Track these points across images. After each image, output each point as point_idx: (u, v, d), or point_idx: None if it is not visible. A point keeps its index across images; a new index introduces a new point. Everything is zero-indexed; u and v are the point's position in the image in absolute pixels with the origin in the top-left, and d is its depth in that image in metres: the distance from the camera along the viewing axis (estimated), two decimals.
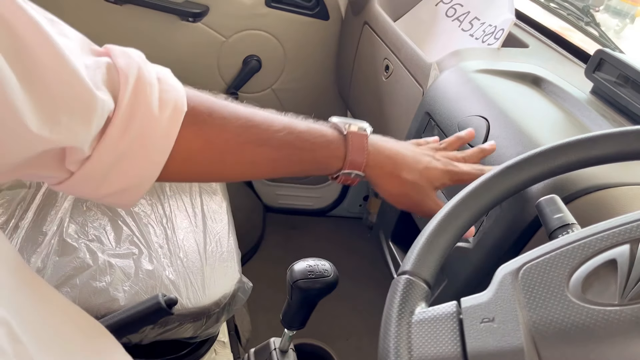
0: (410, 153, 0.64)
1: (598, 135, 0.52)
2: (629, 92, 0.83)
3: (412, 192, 0.62)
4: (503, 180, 0.53)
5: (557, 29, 1.22)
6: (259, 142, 0.55)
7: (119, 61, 0.46)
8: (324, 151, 0.59)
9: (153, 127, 0.46)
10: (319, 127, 0.60)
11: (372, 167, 0.60)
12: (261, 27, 1.47)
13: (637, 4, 7.47)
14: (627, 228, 0.43)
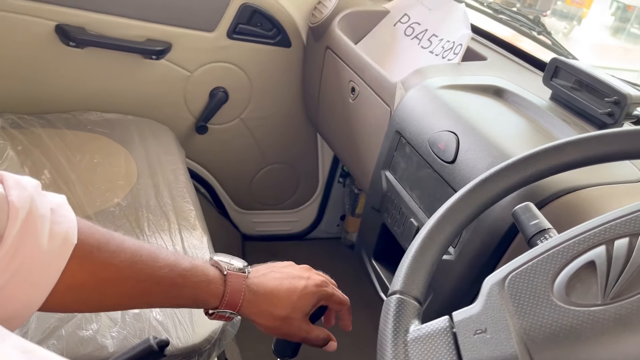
0: (285, 285, 0.66)
1: (564, 142, 0.55)
2: (584, 96, 0.87)
3: (284, 326, 0.65)
4: (481, 193, 0.55)
5: (509, 37, 1.27)
6: (141, 277, 0.56)
7: (11, 193, 0.46)
8: (203, 290, 0.60)
9: (39, 260, 0.46)
10: (202, 266, 0.62)
11: (246, 306, 0.63)
12: (225, 59, 1.49)
13: (583, 6, 7.83)
14: (601, 230, 0.46)
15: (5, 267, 0.44)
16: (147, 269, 0.56)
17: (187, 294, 0.59)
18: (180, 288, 0.59)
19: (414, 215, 0.89)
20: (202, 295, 0.60)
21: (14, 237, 0.44)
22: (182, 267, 0.59)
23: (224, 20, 1.42)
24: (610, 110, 0.81)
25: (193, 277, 0.59)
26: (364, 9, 1.36)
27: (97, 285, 0.54)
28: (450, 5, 1.22)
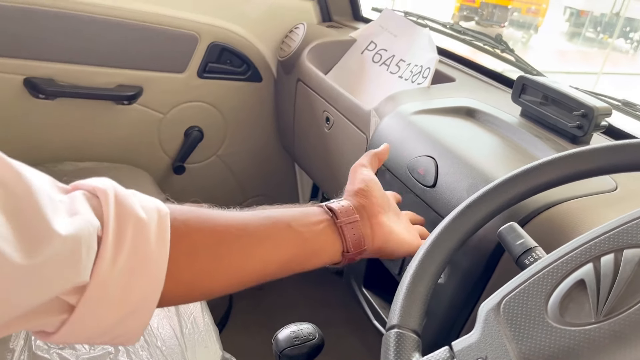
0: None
1: (541, 163, 0.57)
2: (553, 110, 0.90)
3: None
4: (466, 219, 0.56)
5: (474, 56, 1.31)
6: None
7: (91, 184, 0.45)
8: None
9: (144, 233, 0.45)
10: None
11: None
12: (197, 99, 1.49)
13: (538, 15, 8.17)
14: (586, 247, 0.47)
15: (116, 243, 0.42)
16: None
17: (312, 264, 0.59)
18: (307, 263, 0.59)
19: None
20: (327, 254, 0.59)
21: (113, 213, 0.43)
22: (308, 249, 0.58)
23: (194, 60, 1.43)
24: (579, 123, 0.84)
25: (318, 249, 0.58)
26: (330, 39, 1.39)
27: (211, 245, 0.52)
28: (414, 31, 1.26)
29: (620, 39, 10.45)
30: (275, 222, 0.56)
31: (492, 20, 9.71)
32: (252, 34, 1.47)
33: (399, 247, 0.66)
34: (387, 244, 0.64)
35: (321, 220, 0.59)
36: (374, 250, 0.64)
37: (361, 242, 0.61)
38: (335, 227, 0.59)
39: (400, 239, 0.66)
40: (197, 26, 1.40)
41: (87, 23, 1.28)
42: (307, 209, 0.60)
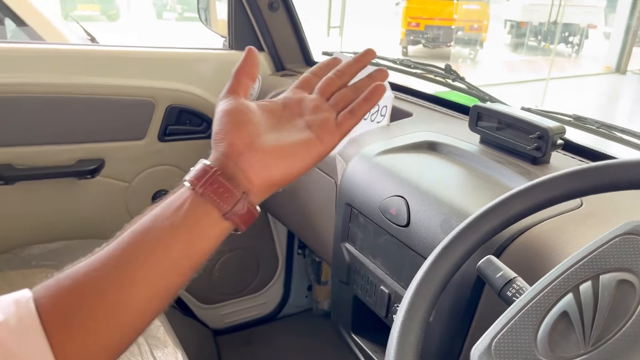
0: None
1: (509, 196, 0.58)
2: (510, 135, 0.92)
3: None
4: (444, 261, 0.57)
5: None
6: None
7: None
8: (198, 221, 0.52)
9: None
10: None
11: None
12: (161, 162, 1.48)
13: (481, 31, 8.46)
14: (565, 277, 0.48)
15: None
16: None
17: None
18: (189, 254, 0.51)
19: (383, 283, 0.90)
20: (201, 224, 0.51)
21: None
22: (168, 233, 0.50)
23: (153, 125, 1.43)
24: (537, 145, 0.86)
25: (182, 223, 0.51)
26: (285, 88, 1.40)
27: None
28: (366, 70, 1.28)
29: (561, 44, 10.91)
30: (139, 233, 0.51)
31: (438, 41, 10.02)
32: (207, 92, 1.48)
33: (290, 162, 0.55)
34: (272, 169, 0.54)
35: (184, 200, 0.52)
36: (265, 185, 0.55)
37: (234, 191, 0.52)
38: (199, 196, 0.51)
39: (287, 150, 0.55)
40: (152, 92, 1.40)
41: (39, 103, 1.27)
42: (171, 198, 0.53)
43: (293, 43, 1.57)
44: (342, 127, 0.59)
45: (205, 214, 0.52)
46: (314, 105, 0.60)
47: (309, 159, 0.57)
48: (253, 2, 1.45)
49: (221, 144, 0.55)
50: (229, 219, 0.52)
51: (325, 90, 0.62)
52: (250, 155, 0.53)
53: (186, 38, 7.56)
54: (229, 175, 0.53)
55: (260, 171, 0.54)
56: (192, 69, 1.46)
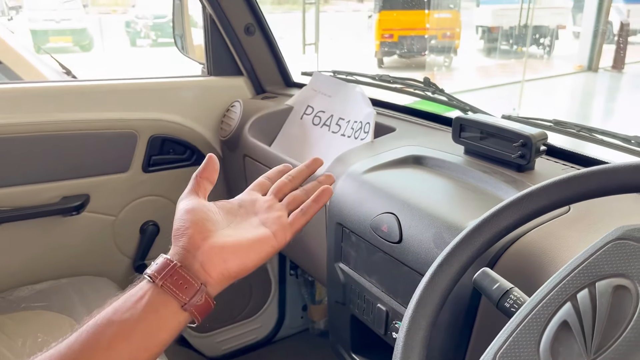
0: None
1: (499, 209, 0.59)
2: (494, 144, 0.93)
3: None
4: (441, 279, 0.57)
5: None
6: None
7: None
8: (156, 309, 0.54)
9: None
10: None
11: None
12: (146, 193, 1.47)
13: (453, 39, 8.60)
14: (562, 286, 0.48)
15: None
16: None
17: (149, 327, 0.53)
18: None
19: (380, 301, 0.90)
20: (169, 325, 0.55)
21: None
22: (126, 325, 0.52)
23: (136, 157, 1.42)
24: (521, 153, 0.88)
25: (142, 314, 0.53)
26: (268, 111, 1.41)
27: None
28: (346, 89, 1.30)
29: (533, 46, 11.11)
30: (98, 326, 0.53)
31: (412, 51, 10.13)
32: (189, 119, 1.48)
33: (246, 256, 0.60)
34: (229, 262, 0.58)
35: (144, 292, 0.54)
36: (222, 277, 0.58)
37: (193, 283, 0.55)
38: (159, 289, 0.54)
39: (243, 244, 0.60)
40: (133, 123, 1.40)
41: (19, 143, 1.26)
42: (131, 290, 0.56)
43: (272, 65, 1.58)
44: (294, 225, 0.65)
45: (164, 305, 0.54)
46: (268, 205, 0.67)
47: (264, 252, 0.62)
48: (229, 27, 1.46)
49: (181, 239, 0.58)
50: (187, 310, 0.55)
51: (278, 192, 0.70)
52: (208, 249, 0.58)
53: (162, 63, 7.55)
54: (188, 267, 0.56)
55: (218, 264, 0.58)
56: (172, 98, 1.46)
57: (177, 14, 1.72)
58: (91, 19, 12.78)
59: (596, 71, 9.66)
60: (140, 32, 12.44)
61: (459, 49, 10.29)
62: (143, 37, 12.46)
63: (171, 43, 1.78)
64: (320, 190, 0.68)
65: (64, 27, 11.32)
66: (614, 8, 10.50)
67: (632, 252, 0.47)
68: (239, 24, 1.45)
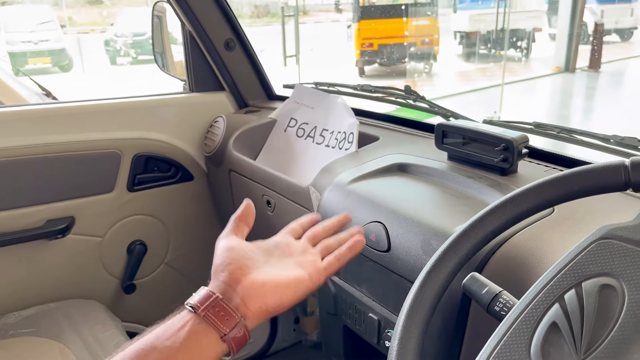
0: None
1: (484, 213, 0.59)
2: (477, 149, 0.95)
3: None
4: (431, 286, 0.58)
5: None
6: None
7: None
8: (202, 342, 0.58)
9: None
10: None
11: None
12: (132, 212, 1.46)
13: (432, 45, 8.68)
14: (549, 289, 0.49)
15: None
16: None
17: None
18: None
19: (371, 310, 0.90)
20: (205, 345, 0.57)
21: None
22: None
23: (120, 176, 1.41)
24: (504, 156, 0.89)
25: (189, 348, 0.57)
26: (252, 125, 1.41)
27: None
28: (328, 100, 1.30)
29: (511, 49, 11.28)
30: (141, 350, 0.56)
31: (392, 59, 10.22)
32: (173, 137, 1.48)
33: (284, 293, 0.63)
34: (268, 298, 0.62)
35: (185, 322, 0.58)
36: (260, 312, 0.61)
37: (234, 315, 0.59)
38: (201, 319, 0.58)
39: (282, 283, 0.64)
40: (117, 143, 1.39)
41: (1, 167, 1.25)
42: (172, 319, 0.59)
43: (253, 79, 1.58)
44: (328, 269, 0.70)
45: (205, 335, 0.57)
46: (302, 249, 0.72)
47: (300, 292, 0.65)
48: (209, 44, 1.46)
49: (222, 273, 0.62)
50: (226, 341, 0.58)
51: (313, 239, 0.75)
52: (249, 284, 0.61)
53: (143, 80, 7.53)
54: (228, 300, 0.60)
55: (258, 299, 0.61)
56: (155, 116, 1.46)
57: (157, 32, 1.72)
58: (70, 39, 12.69)
59: (573, 72, 9.82)
60: (120, 50, 12.39)
61: (439, 55, 10.41)
62: (123, 55, 12.41)
63: (152, 60, 1.77)
64: (354, 240, 0.74)
65: (42, 48, 11.22)
66: (588, 9, 10.72)
67: (616, 250, 0.48)
68: (219, 39, 1.46)
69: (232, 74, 1.53)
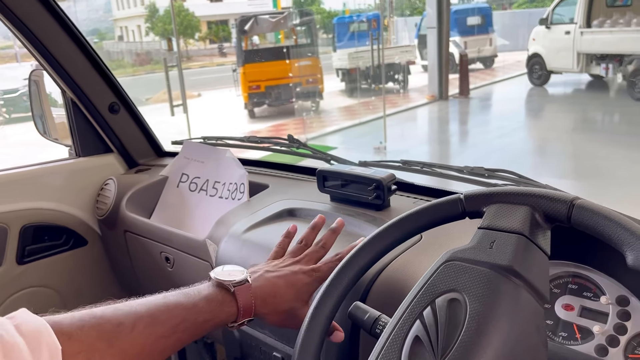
0: (283, 281, 0.77)
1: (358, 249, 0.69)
2: (354, 189, 1.06)
3: (290, 317, 0.78)
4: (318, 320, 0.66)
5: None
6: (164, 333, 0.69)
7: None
8: (221, 316, 0.73)
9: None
10: (211, 295, 0.73)
11: (257, 310, 0.75)
12: (25, 285, 1.42)
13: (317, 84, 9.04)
14: (411, 308, 0.59)
15: None
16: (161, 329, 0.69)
17: (208, 325, 0.72)
18: (201, 324, 0.71)
19: (275, 349, 0.96)
20: (221, 318, 0.72)
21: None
22: (195, 311, 0.71)
23: (9, 250, 1.37)
24: (376, 194, 1.01)
25: (207, 312, 0.71)
26: (143, 184, 1.44)
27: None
28: (217, 153, 1.37)
29: (390, 83, 12.05)
30: (165, 302, 0.72)
31: (280, 99, 10.51)
32: (62, 203, 1.46)
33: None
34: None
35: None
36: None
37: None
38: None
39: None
40: (2, 217, 1.35)
41: None
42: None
43: (141, 139, 1.61)
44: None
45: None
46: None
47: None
48: (92, 109, 1.47)
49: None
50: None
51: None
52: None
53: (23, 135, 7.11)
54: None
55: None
56: (41, 185, 1.44)
57: (35, 97, 1.70)
58: None
59: (447, 99, 10.69)
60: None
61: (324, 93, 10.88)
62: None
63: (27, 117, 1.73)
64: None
65: None
66: (452, 42, 11.78)
67: (458, 270, 0.59)
68: (103, 104, 1.47)
69: (119, 136, 1.55)
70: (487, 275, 0.57)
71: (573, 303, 0.75)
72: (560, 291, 0.77)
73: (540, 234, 0.59)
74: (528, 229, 0.59)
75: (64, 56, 1.36)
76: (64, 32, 1.34)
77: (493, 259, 0.58)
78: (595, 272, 0.75)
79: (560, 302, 0.76)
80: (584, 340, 0.72)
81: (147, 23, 30.31)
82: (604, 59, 9.65)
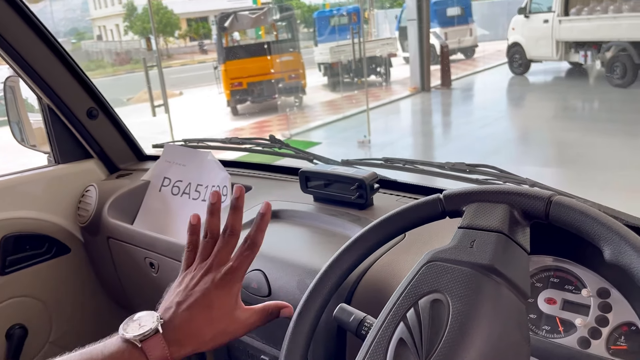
0: (198, 312, 0.70)
1: (343, 249, 0.69)
2: (336, 189, 1.06)
3: (220, 337, 0.73)
4: (305, 321, 0.66)
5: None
6: None
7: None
8: None
9: None
10: (118, 355, 0.66)
11: (177, 353, 0.68)
12: (7, 296, 1.40)
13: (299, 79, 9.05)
14: (395, 310, 0.59)
15: None
16: None
17: None
18: None
19: (262, 352, 0.96)
20: None
21: None
22: None
23: None
24: (359, 194, 1.01)
25: None
26: (125, 190, 1.42)
27: None
28: (199, 156, 1.36)
29: (372, 76, 12.06)
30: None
31: (263, 96, 10.47)
32: (43, 212, 1.44)
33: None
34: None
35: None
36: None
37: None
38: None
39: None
40: None
41: None
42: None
43: (121, 144, 1.59)
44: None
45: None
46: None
47: None
48: (70, 115, 1.45)
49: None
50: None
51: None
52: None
53: None
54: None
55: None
56: (20, 194, 1.42)
57: (10, 103, 1.67)
58: None
59: (429, 91, 10.73)
60: None
61: (307, 88, 10.86)
62: None
63: (4, 121, 1.69)
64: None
65: None
66: (433, 33, 11.81)
67: (440, 270, 0.59)
68: (80, 109, 1.45)
69: (99, 141, 1.53)
70: (468, 274, 0.57)
71: (555, 297, 0.76)
72: (543, 285, 0.78)
73: (519, 232, 0.60)
74: (507, 227, 0.59)
75: (39, 62, 1.34)
76: (37, 38, 1.32)
77: (474, 259, 0.58)
78: (576, 266, 0.76)
79: (542, 296, 0.77)
80: (567, 333, 0.73)
81: (126, 22, 30.00)
82: (583, 47, 9.75)
